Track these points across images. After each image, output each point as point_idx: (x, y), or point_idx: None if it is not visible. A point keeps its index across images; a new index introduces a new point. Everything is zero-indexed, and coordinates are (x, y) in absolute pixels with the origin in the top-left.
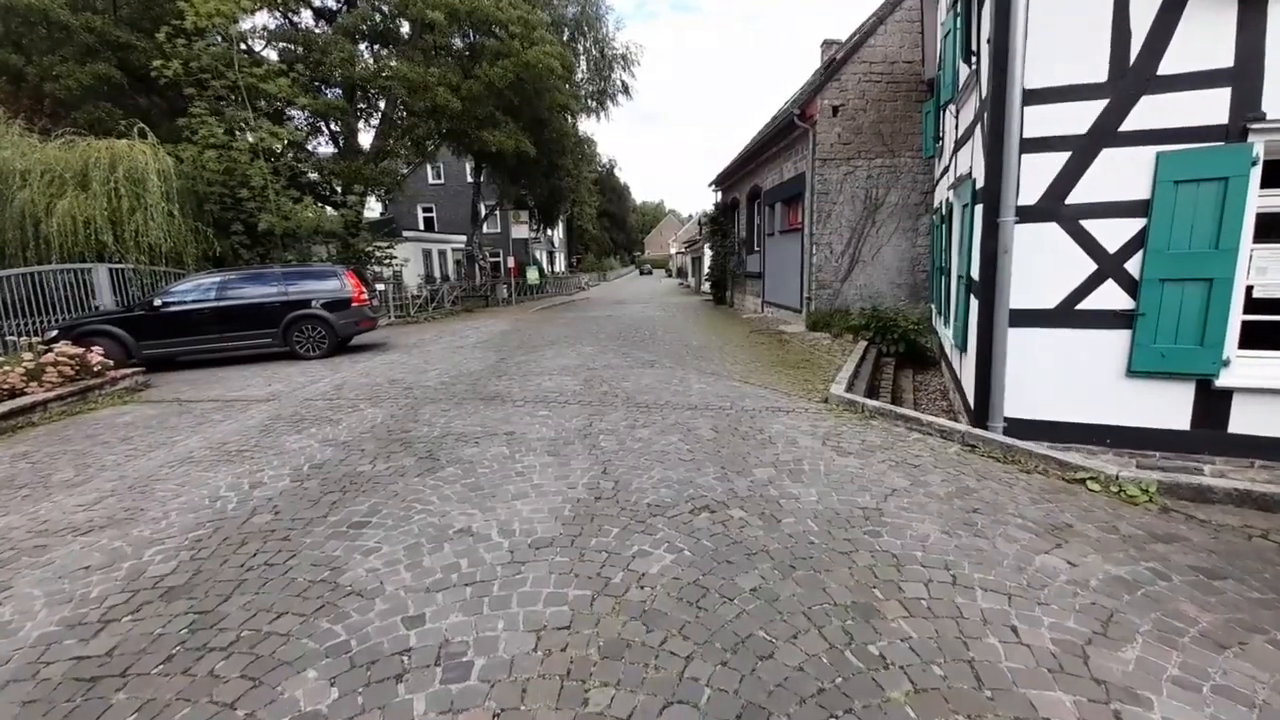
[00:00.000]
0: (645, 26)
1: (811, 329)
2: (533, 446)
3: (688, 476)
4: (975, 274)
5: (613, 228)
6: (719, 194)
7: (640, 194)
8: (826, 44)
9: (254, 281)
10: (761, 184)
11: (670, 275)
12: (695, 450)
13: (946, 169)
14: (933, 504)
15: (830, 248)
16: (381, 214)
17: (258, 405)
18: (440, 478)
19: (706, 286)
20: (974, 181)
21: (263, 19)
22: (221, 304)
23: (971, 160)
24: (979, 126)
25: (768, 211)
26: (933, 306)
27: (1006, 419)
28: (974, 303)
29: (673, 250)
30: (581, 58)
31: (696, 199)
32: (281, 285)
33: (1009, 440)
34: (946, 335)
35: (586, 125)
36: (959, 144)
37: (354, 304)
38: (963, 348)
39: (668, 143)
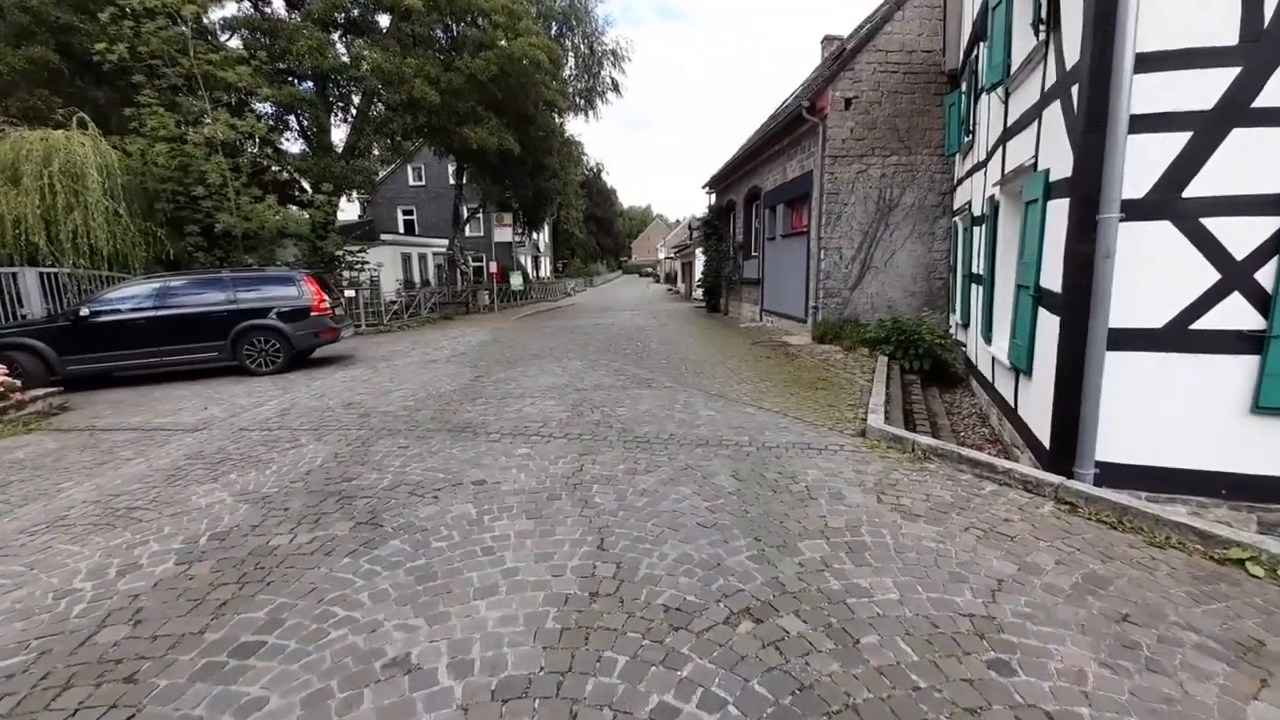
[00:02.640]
0: (631, 32)
1: (819, 341)
2: (508, 504)
3: (713, 555)
4: (1051, 284)
5: (599, 232)
6: (713, 196)
7: (627, 198)
8: (827, 39)
9: (199, 288)
10: (761, 185)
11: (658, 281)
12: (717, 510)
13: (981, 164)
14: (1062, 606)
15: (840, 253)
16: (360, 216)
17: (180, 436)
18: (379, 559)
19: (698, 293)
20: (1046, 173)
21: (231, 9)
22: (160, 313)
23: (1038, 148)
24: (1054, 106)
25: (768, 214)
26: (955, 317)
27: (1098, 463)
28: (1045, 318)
29: (660, 255)
30: (570, 53)
31: (684, 203)
32: (231, 292)
33: (1124, 499)
34: (990, 352)
35: (574, 126)
36: (1010, 132)
37: (314, 313)
38: (1026, 371)
39: (654, 148)
